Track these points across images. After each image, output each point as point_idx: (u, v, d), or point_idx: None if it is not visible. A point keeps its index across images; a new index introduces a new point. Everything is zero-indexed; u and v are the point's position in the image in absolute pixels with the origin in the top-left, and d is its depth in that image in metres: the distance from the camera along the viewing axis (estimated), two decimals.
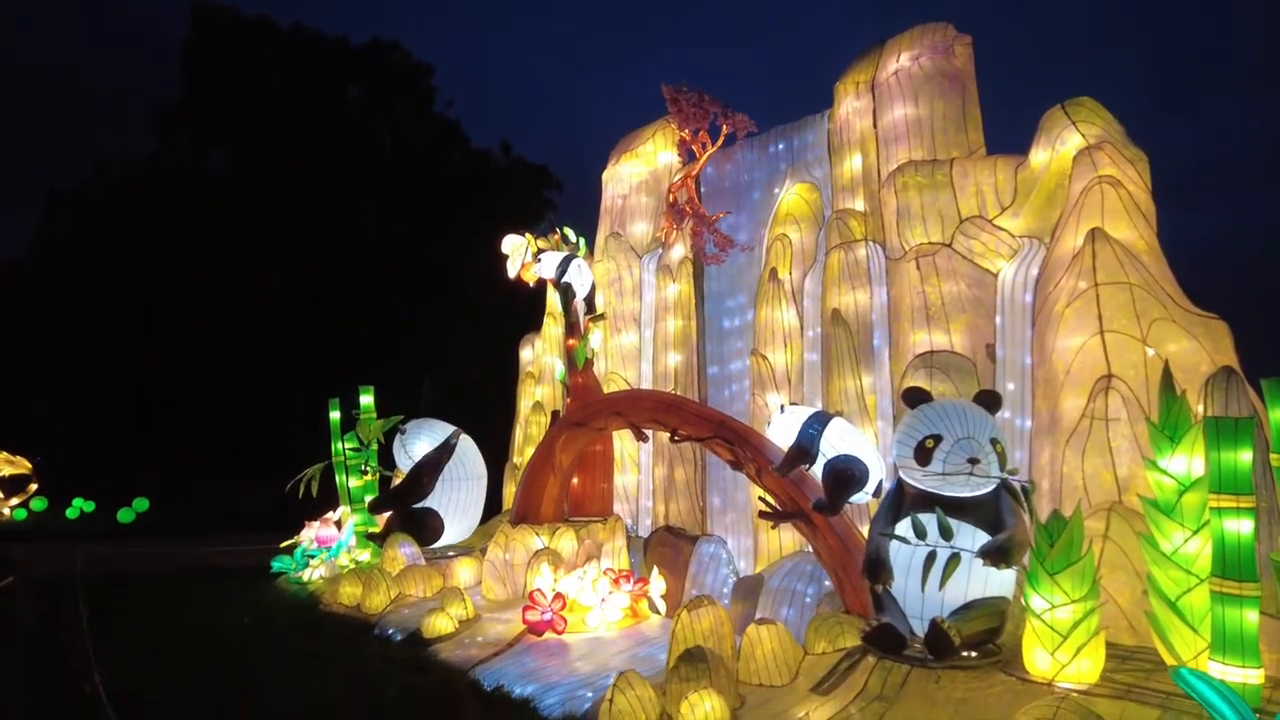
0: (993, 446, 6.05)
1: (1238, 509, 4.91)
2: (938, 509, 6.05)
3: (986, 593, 5.94)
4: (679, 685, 6.10)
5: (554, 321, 13.03)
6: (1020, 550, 5.82)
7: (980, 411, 6.28)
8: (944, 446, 6.02)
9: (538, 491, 10.00)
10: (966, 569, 5.89)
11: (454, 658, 8.24)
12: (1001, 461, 6.07)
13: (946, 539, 5.95)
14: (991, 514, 6.06)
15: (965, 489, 6.03)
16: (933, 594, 5.96)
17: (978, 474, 5.89)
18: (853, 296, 8.83)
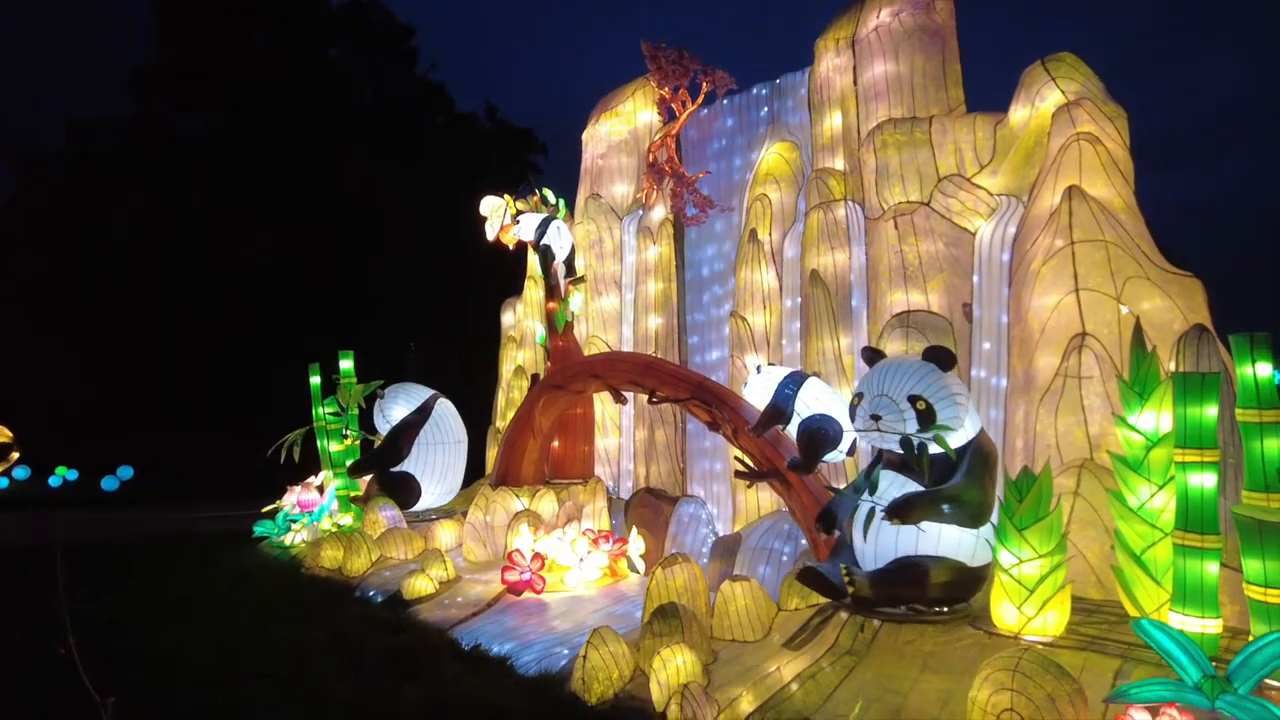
0: (912, 404, 5.94)
1: (1201, 463, 4.95)
2: (879, 464, 6.12)
3: (918, 550, 5.91)
4: (652, 641, 6.16)
5: (535, 285, 12.94)
6: (928, 509, 5.74)
7: (916, 369, 6.09)
8: (863, 404, 6.05)
9: (518, 454, 10.00)
10: (888, 525, 5.89)
11: (433, 618, 8.30)
12: (925, 419, 5.89)
13: (872, 493, 6.00)
14: (942, 472, 6.02)
15: (889, 444, 6.06)
16: (865, 546, 6.06)
17: (883, 429, 5.89)
18: (831, 257, 8.79)
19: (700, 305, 10.62)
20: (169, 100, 31.13)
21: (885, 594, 6.02)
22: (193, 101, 30.98)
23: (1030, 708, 4.36)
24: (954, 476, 6.00)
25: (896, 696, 5.33)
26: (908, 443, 5.88)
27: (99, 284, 27.43)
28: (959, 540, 5.93)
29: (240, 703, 6.21)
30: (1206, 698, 4.25)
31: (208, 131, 30.45)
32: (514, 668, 6.94)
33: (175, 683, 6.64)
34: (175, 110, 31.30)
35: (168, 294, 26.89)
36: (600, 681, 6.07)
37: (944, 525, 5.88)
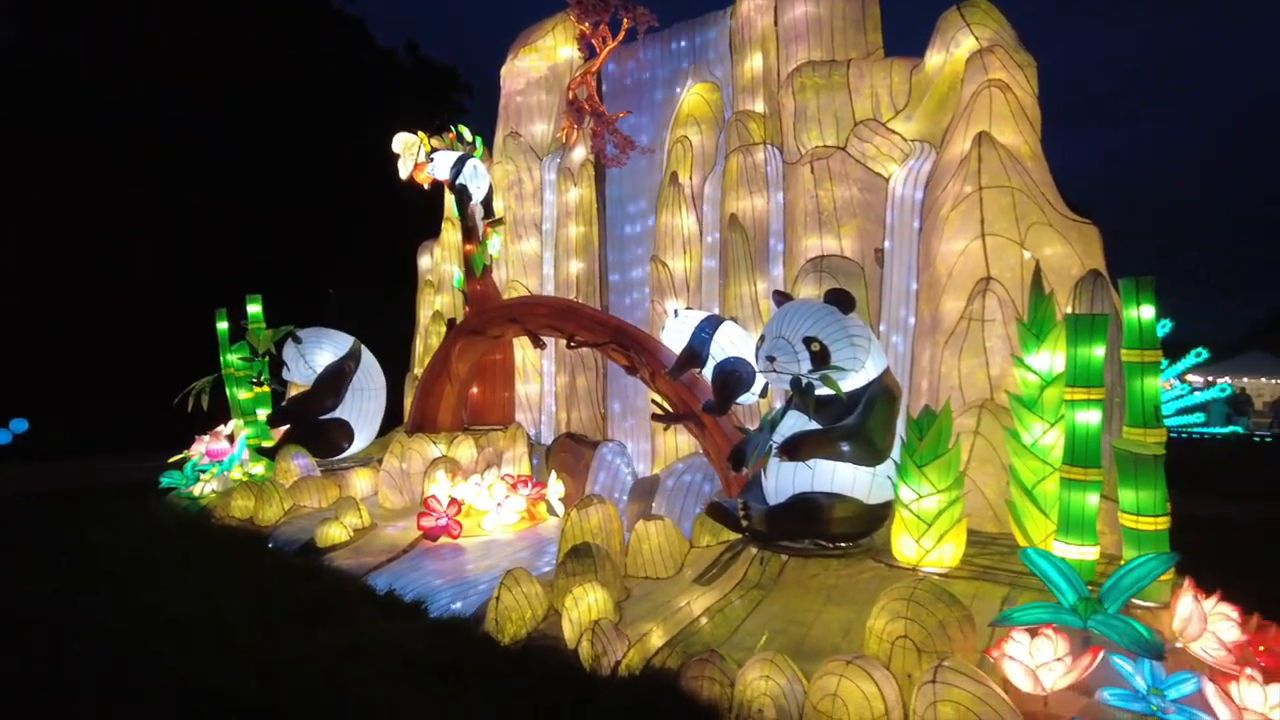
0: (807, 345, 6.00)
1: (1088, 401, 5.18)
2: (787, 404, 6.25)
3: (814, 487, 6.05)
4: (565, 580, 6.21)
5: (452, 227, 12.59)
6: (817, 448, 5.88)
7: (814, 311, 6.15)
8: (763, 346, 6.15)
9: (434, 401, 9.84)
10: (790, 463, 6.05)
11: (347, 565, 8.18)
12: (819, 361, 5.97)
13: (770, 431, 6.15)
14: (842, 412, 6.11)
15: (779, 385, 6.21)
16: (769, 483, 6.22)
17: (777, 369, 6.00)
18: (750, 201, 8.78)
19: (621, 249, 10.52)
20: (55, 21, 28.76)
21: (779, 529, 6.17)
22: (82, 22, 28.69)
23: (923, 634, 4.57)
24: (852, 416, 6.14)
25: (800, 627, 5.52)
26: (796, 382, 5.98)
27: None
28: (854, 478, 6.03)
29: (145, 655, 6.04)
30: (1080, 618, 4.53)
31: (99, 55, 28.27)
32: (427, 612, 6.92)
33: (78, 639, 6.40)
34: (61, 31, 28.93)
35: (56, 234, 25.19)
36: (513, 622, 6.10)
37: (838, 463, 5.99)
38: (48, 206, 25.23)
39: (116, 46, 27.43)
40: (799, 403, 6.13)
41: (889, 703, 4.36)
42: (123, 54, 26.88)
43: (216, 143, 26.42)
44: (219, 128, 26.38)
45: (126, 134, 25.74)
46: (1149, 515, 4.91)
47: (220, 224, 25.87)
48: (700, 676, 4.96)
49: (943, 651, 4.50)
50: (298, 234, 26.29)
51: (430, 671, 5.68)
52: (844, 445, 5.90)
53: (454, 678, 5.56)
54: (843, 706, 4.37)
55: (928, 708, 4.17)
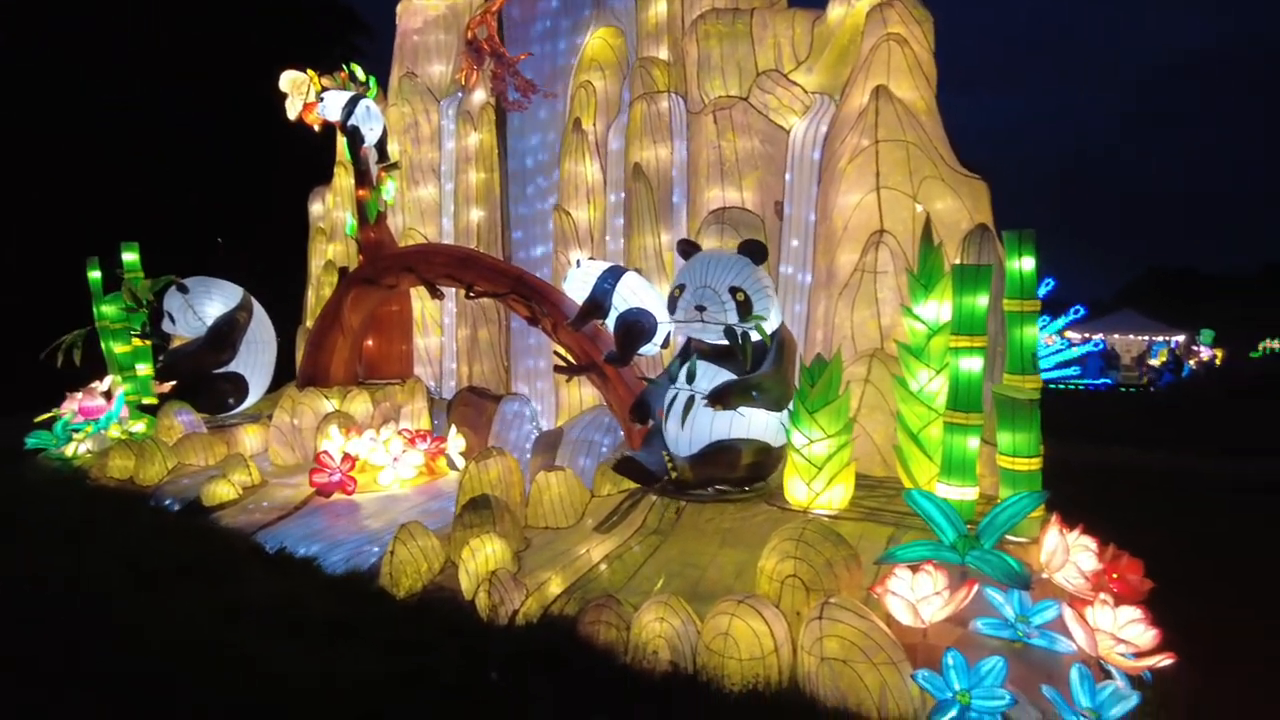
0: (732, 295, 6.13)
1: (971, 348, 5.39)
2: (694, 354, 6.27)
3: (731, 435, 6.22)
4: (462, 532, 6.13)
5: (345, 172, 12.00)
6: (745, 395, 6.02)
7: (734, 261, 6.28)
8: (685, 295, 6.18)
9: (325, 354, 9.45)
10: (705, 412, 6.15)
11: (235, 524, 7.85)
12: (743, 310, 6.10)
13: (689, 382, 6.20)
14: (756, 361, 6.28)
15: (707, 334, 6.24)
16: (680, 433, 6.27)
17: (707, 319, 6.07)
18: (654, 151, 8.68)
19: (524, 197, 10.26)
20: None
21: (703, 475, 6.26)
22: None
23: (811, 573, 4.71)
24: (763, 364, 6.26)
25: (696, 570, 5.62)
26: (732, 332, 6.07)
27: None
28: (765, 423, 6.28)
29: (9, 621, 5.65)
30: (959, 554, 4.76)
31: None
32: (321, 568, 6.73)
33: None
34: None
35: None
36: (408, 575, 5.99)
37: (753, 410, 6.17)
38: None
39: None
40: (709, 352, 6.20)
41: (778, 639, 4.49)
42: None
43: (84, 75, 24.31)
44: (107, 72, 24.26)
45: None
46: (1024, 456, 5.18)
47: (90, 167, 23.93)
48: (597, 621, 4.99)
49: (830, 589, 4.66)
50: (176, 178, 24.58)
51: (321, 628, 5.52)
52: (762, 392, 6.04)
53: (346, 633, 5.43)
54: (734, 644, 4.48)
55: (814, 643, 4.32)
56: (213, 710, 4.49)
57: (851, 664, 4.20)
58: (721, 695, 4.45)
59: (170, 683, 4.83)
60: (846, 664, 4.20)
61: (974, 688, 4.04)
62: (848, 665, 4.20)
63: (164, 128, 24.72)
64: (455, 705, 4.45)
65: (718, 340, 6.31)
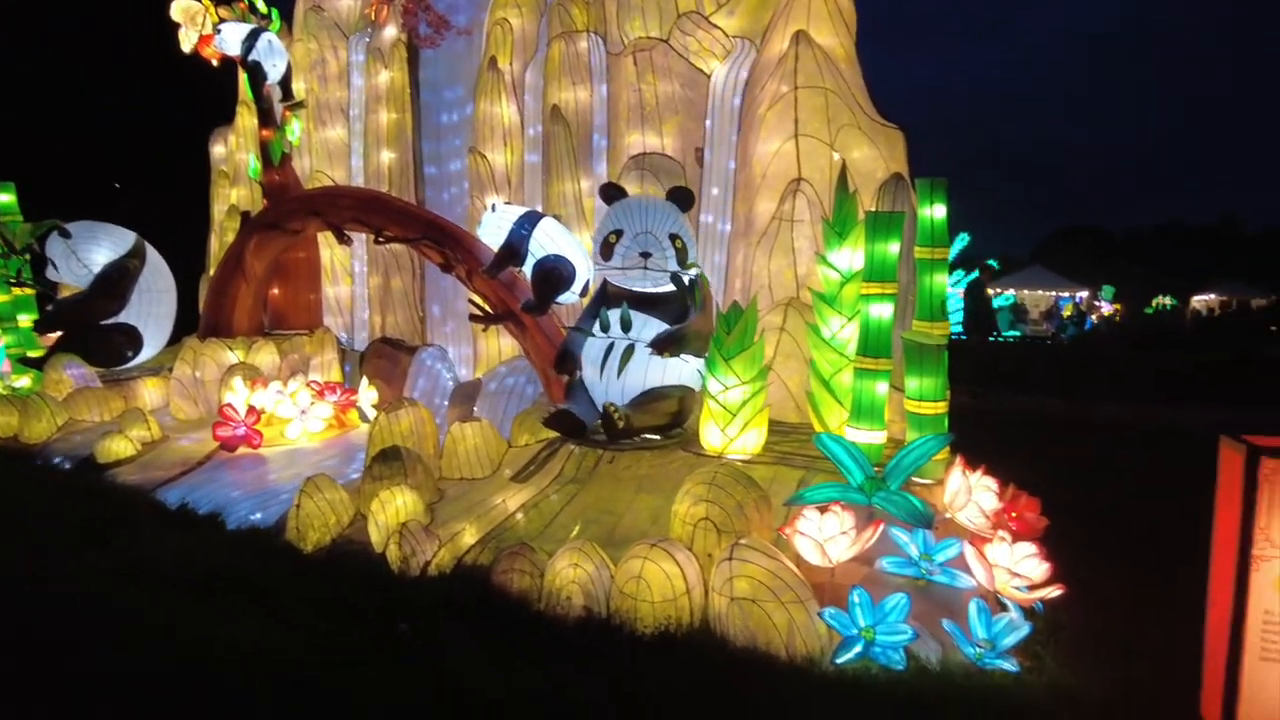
0: (671, 242, 6.15)
1: (882, 295, 5.45)
2: (624, 303, 6.19)
3: (665, 381, 6.28)
4: (372, 484, 5.97)
5: (247, 111, 11.32)
6: (690, 342, 6.09)
7: (668, 208, 6.32)
8: (624, 241, 6.09)
9: (228, 303, 8.99)
10: (642, 360, 6.14)
11: (134, 481, 7.48)
12: (681, 257, 6.19)
13: (625, 331, 6.15)
14: (678, 308, 6.31)
15: (644, 283, 6.18)
16: (612, 382, 6.20)
17: (651, 268, 6.02)
18: (573, 93, 8.43)
19: (437, 139, 9.86)
20: None
21: (644, 424, 6.22)
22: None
23: (723, 515, 4.75)
24: (691, 312, 6.26)
25: (612, 516, 5.61)
26: (679, 280, 6.10)
27: None
28: (693, 369, 6.32)
29: None
30: (865, 495, 4.86)
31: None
32: (224, 524, 6.47)
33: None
34: None
35: None
36: (315, 529, 5.82)
37: (684, 356, 6.20)
38: None
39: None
40: (635, 299, 6.12)
41: (690, 581, 4.52)
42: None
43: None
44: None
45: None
46: (930, 400, 5.31)
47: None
48: (511, 569, 4.94)
49: (741, 531, 4.71)
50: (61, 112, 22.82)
51: (223, 584, 5.32)
52: (697, 339, 6.04)
53: (251, 589, 5.24)
54: (646, 587, 4.49)
55: (725, 583, 4.37)
56: (118, 674, 4.28)
57: (760, 603, 4.26)
58: (635, 638, 4.47)
59: (73, 648, 4.59)
60: (756, 603, 4.27)
61: (878, 624, 4.17)
62: (757, 605, 4.27)
63: (46, 56, 22.85)
64: (367, 659, 4.36)
65: (652, 288, 6.26)
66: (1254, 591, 2.65)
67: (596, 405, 6.39)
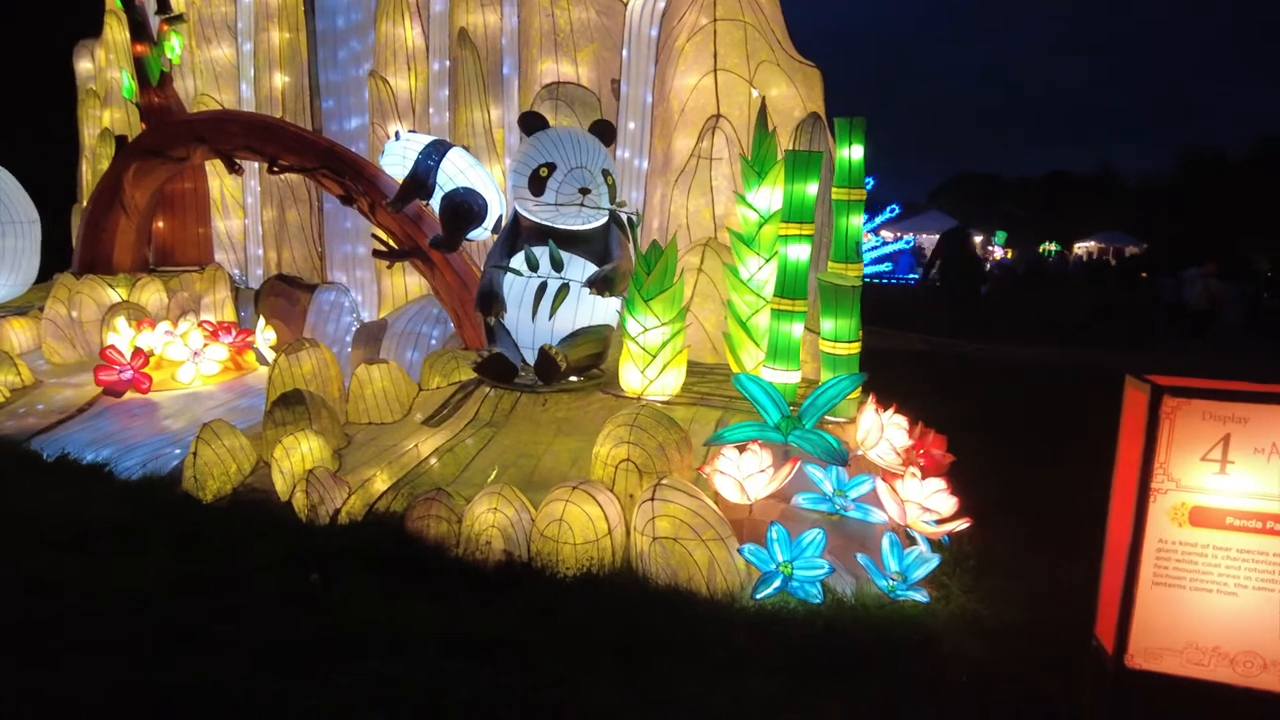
0: (604, 178, 5.98)
1: (800, 236, 5.45)
2: (550, 241, 5.97)
3: (593, 321, 6.16)
4: (274, 431, 5.68)
5: (117, 23, 10.27)
6: (624, 281, 6.02)
7: (594, 141, 6.13)
8: (557, 176, 5.85)
9: (107, 237, 8.27)
10: (575, 299, 5.99)
11: (5, 431, 6.90)
12: (612, 194, 6.07)
13: (557, 270, 5.95)
14: (601, 246, 6.17)
15: (577, 220, 5.99)
16: (543, 323, 6.02)
17: (588, 204, 5.85)
18: (482, 16, 7.98)
19: (335, 62, 9.21)
20: None
21: (578, 364, 6.07)
22: None
23: (644, 456, 4.73)
24: (613, 250, 6.11)
25: (531, 460, 5.53)
26: (617, 218, 5.98)
27: None
28: (609, 308, 6.21)
29: None
30: (782, 434, 4.93)
31: None
32: (113, 475, 6.07)
33: None
34: None
35: None
36: (215, 478, 5.51)
37: (608, 296, 6.06)
38: None
39: None
40: (559, 237, 5.94)
41: (612, 522, 4.51)
42: None
43: None
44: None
45: None
46: (845, 341, 5.39)
47: None
48: (426, 515, 4.81)
49: (662, 471, 4.72)
50: None
51: (111, 537, 4.99)
52: (624, 278, 5.90)
53: (142, 541, 4.94)
54: (568, 530, 4.46)
55: (647, 523, 4.37)
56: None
57: (682, 542, 4.29)
58: (556, 580, 4.45)
59: None
60: (677, 542, 4.29)
61: (796, 559, 4.26)
62: (678, 543, 4.29)
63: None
64: (274, 610, 4.18)
65: (582, 225, 6.04)
66: (1150, 521, 2.80)
67: (519, 347, 6.20)
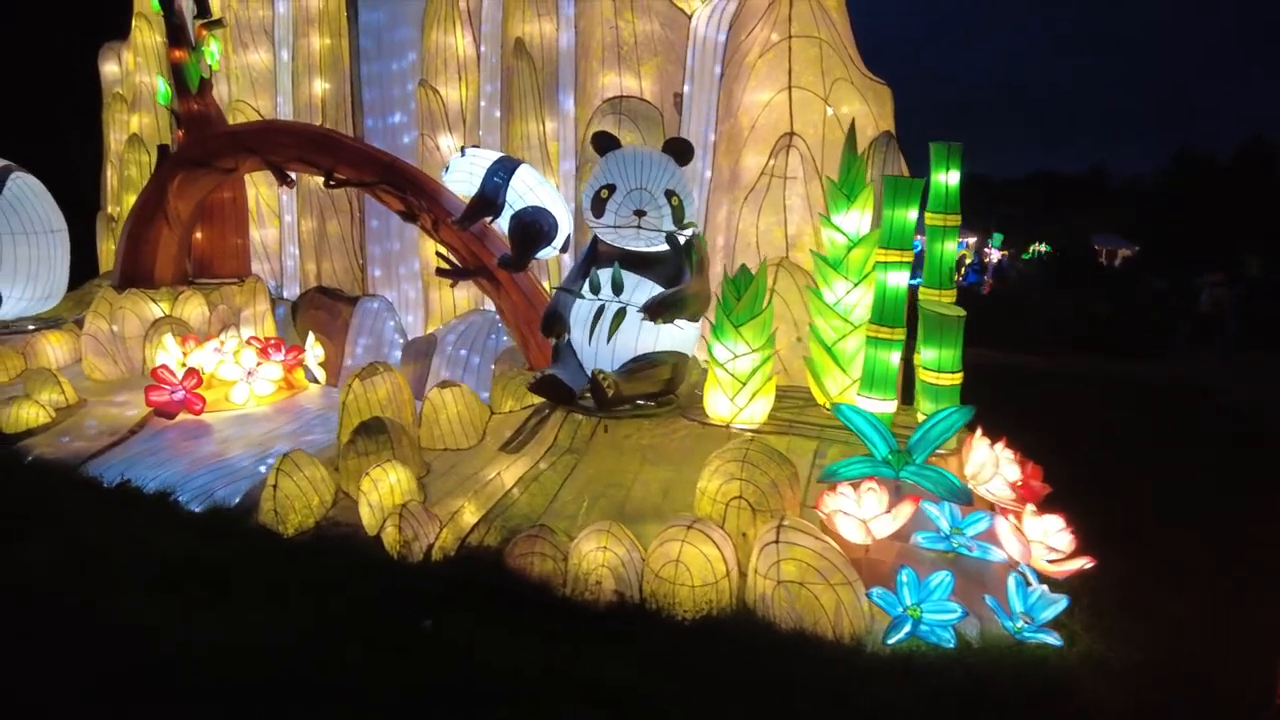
0: (668, 199, 5.79)
1: (900, 262, 5.35)
2: (615, 263, 5.83)
3: (658, 348, 5.91)
4: (357, 461, 5.50)
5: (147, 26, 9.99)
6: (689, 307, 5.78)
7: (664, 161, 5.90)
8: (616, 197, 5.71)
9: (149, 249, 8.02)
10: (634, 324, 5.81)
11: (54, 454, 6.66)
12: (678, 215, 5.82)
13: (616, 293, 5.80)
14: (673, 270, 5.97)
15: (638, 242, 5.83)
16: (601, 347, 5.87)
17: (645, 226, 5.69)
18: (538, 25, 7.81)
19: (379, 70, 8.98)
20: None
21: (634, 391, 5.91)
22: None
23: (757, 494, 4.61)
24: (685, 274, 5.93)
25: (620, 490, 5.39)
26: (674, 240, 5.74)
27: None
28: (683, 335, 6.01)
29: None
30: (894, 470, 4.83)
31: None
32: (179, 505, 5.85)
33: None
34: None
35: None
36: (297, 511, 5.32)
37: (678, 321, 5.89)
38: None
39: None
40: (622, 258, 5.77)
41: (729, 564, 4.39)
42: None
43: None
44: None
45: None
46: (948, 371, 5.28)
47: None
48: (530, 553, 4.67)
49: (776, 509, 4.60)
50: None
51: (196, 575, 4.80)
52: (693, 303, 5.75)
53: (227, 581, 4.76)
54: (685, 571, 4.33)
55: (771, 567, 4.25)
56: (85, 678, 3.80)
57: (809, 586, 4.18)
58: (673, 624, 4.33)
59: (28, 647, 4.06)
60: (804, 586, 4.18)
61: (923, 602, 4.16)
62: (804, 587, 4.18)
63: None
64: (381, 656, 4.02)
65: (646, 248, 5.88)
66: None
67: (585, 370, 6.04)
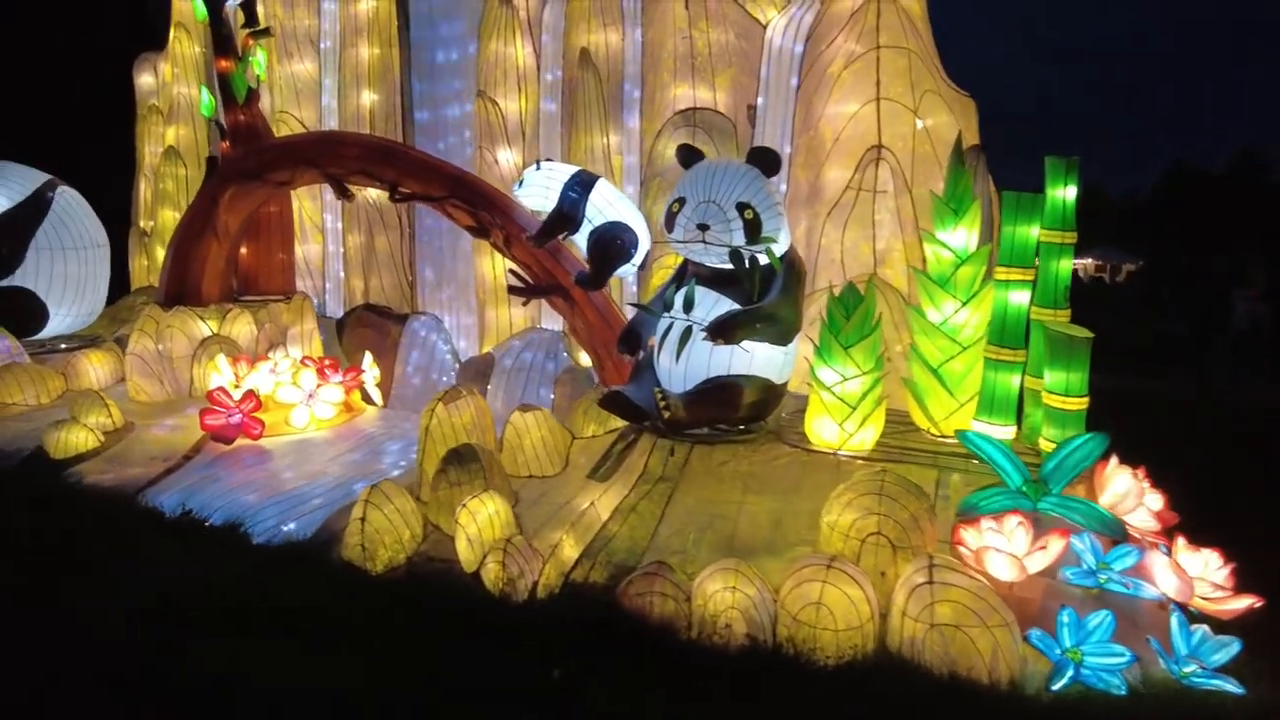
0: (740, 213, 5.47)
1: (1022, 281, 5.11)
2: (692, 279, 5.55)
3: (732, 370, 5.54)
4: (449, 491, 5.19)
5: (186, 36, 9.69)
6: (750, 328, 5.38)
7: (742, 173, 5.53)
8: (685, 211, 5.42)
9: (196, 265, 7.70)
10: (704, 345, 5.47)
11: (107, 481, 6.31)
12: (752, 230, 5.41)
13: (687, 310, 5.51)
14: (762, 287, 5.67)
15: (708, 257, 5.53)
16: (674, 367, 5.57)
17: (710, 241, 5.39)
18: (604, 35, 7.57)
19: (432, 80, 8.72)
20: None
21: (699, 416, 5.61)
22: None
23: (897, 530, 4.33)
24: (769, 292, 5.62)
25: (726, 522, 5.09)
26: (737, 256, 5.34)
27: None
28: (769, 358, 5.66)
29: None
30: (1031, 501, 4.56)
31: None
32: (249, 536, 5.51)
33: None
34: None
35: None
36: (387, 546, 5.00)
37: (757, 344, 5.55)
38: None
39: None
40: (709, 276, 5.47)
41: (873, 605, 4.11)
42: None
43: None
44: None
45: None
46: (1075, 396, 5.02)
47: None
48: (649, 592, 4.36)
49: (916, 546, 4.32)
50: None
51: (285, 618, 4.48)
52: (770, 325, 5.40)
53: (322, 623, 4.44)
54: (829, 615, 4.04)
55: (923, 609, 3.96)
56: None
57: (964, 629, 3.89)
58: (814, 671, 4.03)
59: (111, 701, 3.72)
60: (959, 629, 3.89)
61: (1083, 643, 3.89)
62: (960, 630, 3.89)
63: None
64: (503, 711, 3.72)
65: (720, 264, 5.59)
66: None
67: None
